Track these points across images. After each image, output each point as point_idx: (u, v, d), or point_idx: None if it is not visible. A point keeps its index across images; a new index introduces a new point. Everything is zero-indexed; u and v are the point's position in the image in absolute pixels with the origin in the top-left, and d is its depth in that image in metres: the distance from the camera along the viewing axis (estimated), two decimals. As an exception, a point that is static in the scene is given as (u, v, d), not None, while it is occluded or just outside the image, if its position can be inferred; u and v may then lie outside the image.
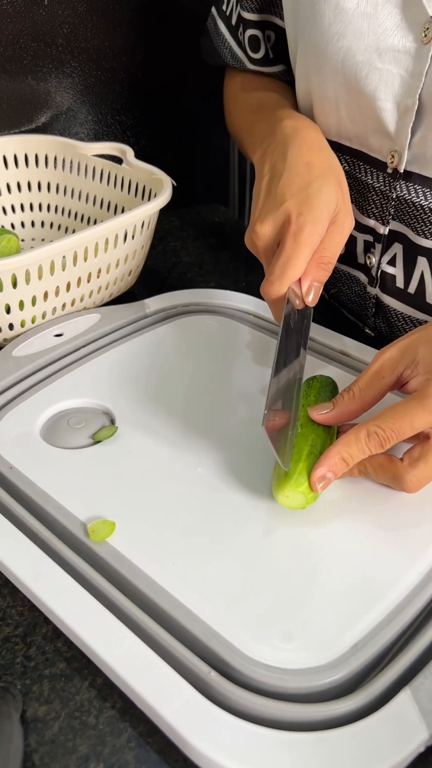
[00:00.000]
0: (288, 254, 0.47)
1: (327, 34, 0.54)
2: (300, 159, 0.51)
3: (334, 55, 0.54)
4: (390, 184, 0.55)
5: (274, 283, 0.48)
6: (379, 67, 0.52)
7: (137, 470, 0.47)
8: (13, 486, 0.46)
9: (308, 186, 0.49)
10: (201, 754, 0.32)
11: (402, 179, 0.54)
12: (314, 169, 0.51)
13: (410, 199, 0.54)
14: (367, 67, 0.52)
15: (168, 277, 0.78)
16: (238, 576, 0.39)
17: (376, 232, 0.59)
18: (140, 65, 0.89)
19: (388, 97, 0.52)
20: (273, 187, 0.51)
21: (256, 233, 0.50)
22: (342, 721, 0.33)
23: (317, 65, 0.56)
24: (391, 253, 0.59)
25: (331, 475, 0.41)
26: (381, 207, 0.57)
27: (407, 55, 0.50)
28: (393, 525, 0.43)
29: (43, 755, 0.34)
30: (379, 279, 0.61)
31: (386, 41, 0.51)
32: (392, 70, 0.51)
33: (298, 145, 0.52)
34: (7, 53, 0.80)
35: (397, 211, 0.56)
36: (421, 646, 0.36)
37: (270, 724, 0.33)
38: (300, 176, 0.50)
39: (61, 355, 0.59)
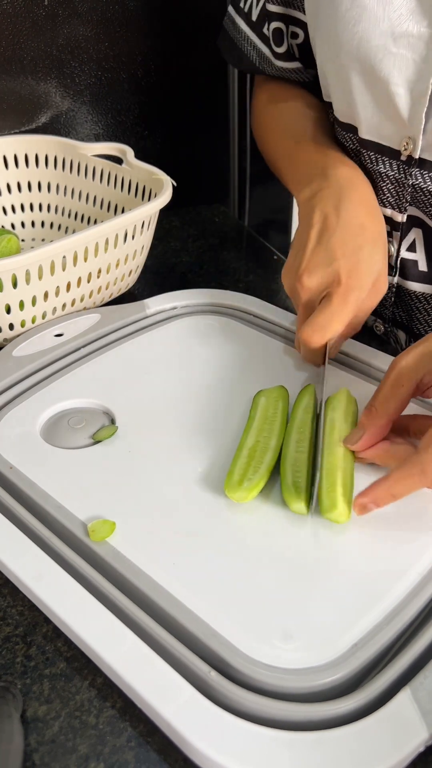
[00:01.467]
0: (335, 310, 0.50)
1: (343, 20, 0.55)
2: (355, 219, 0.53)
3: (349, 40, 0.55)
4: (405, 171, 0.56)
5: (317, 332, 0.50)
6: (394, 52, 0.52)
7: (137, 470, 0.47)
8: (13, 486, 0.46)
9: (360, 250, 0.51)
10: (201, 754, 0.32)
11: (417, 166, 0.55)
12: (367, 233, 0.52)
13: (425, 187, 0.55)
14: (382, 51, 0.53)
15: (168, 277, 0.78)
16: (238, 576, 0.39)
17: (393, 220, 0.59)
18: (140, 65, 0.89)
19: (402, 82, 0.53)
20: (324, 241, 0.52)
21: (302, 284, 0.52)
22: (342, 720, 0.33)
23: (334, 52, 0.57)
24: (410, 239, 0.60)
25: (373, 506, 0.41)
26: (397, 195, 0.58)
27: (421, 40, 0.51)
28: (393, 525, 0.43)
29: (43, 755, 0.34)
30: (398, 267, 0.62)
31: (401, 26, 0.52)
32: (406, 55, 0.52)
33: (354, 203, 0.54)
34: (7, 53, 0.80)
35: (413, 199, 0.57)
36: (421, 645, 0.36)
37: (270, 724, 0.33)
38: (353, 238, 0.52)
39: (61, 355, 0.59)
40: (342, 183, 0.55)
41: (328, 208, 0.54)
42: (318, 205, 0.54)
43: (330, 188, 0.55)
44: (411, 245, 0.60)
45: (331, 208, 0.54)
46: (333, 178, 0.56)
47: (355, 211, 0.53)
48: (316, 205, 0.54)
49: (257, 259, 0.55)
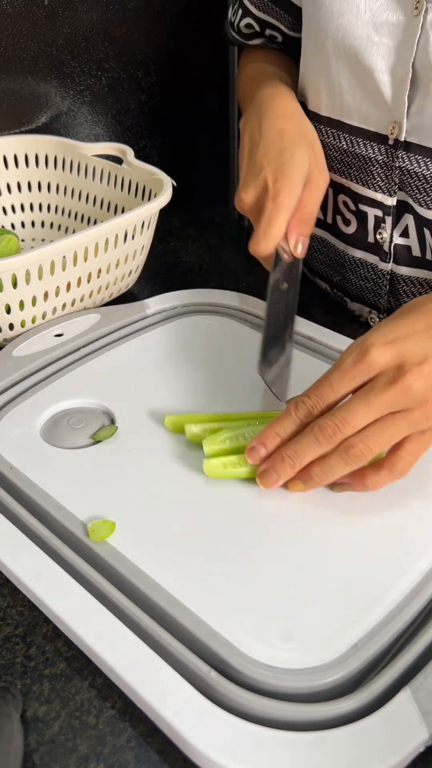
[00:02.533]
0: (269, 216, 0.53)
1: (328, 13, 0.58)
2: (274, 127, 0.57)
3: (334, 31, 0.58)
4: (392, 154, 0.58)
5: (260, 242, 0.53)
6: (376, 40, 0.55)
7: (137, 470, 0.47)
8: (13, 486, 0.46)
9: (282, 153, 0.55)
10: (201, 754, 0.32)
11: (403, 149, 0.57)
12: (287, 136, 0.56)
13: (412, 169, 0.57)
14: (366, 41, 0.56)
15: (168, 277, 0.78)
16: (238, 576, 0.39)
17: (384, 204, 0.61)
18: (140, 65, 0.89)
19: (385, 69, 0.56)
20: (252, 156, 0.56)
21: (241, 200, 0.56)
22: (342, 721, 0.33)
23: (320, 43, 0.60)
24: (402, 225, 0.61)
25: (263, 448, 0.44)
26: (386, 178, 0.60)
27: (400, 27, 0.54)
28: (393, 525, 0.43)
29: (43, 755, 0.34)
30: (392, 253, 0.63)
31: (381, 16, 0.55)
32: (388, 43, 0.55)
33: (272, 114, 0.58)
34: (7, 53, 0.80)
35: (401, 182, 0.59)
36: (421, 646, 0.36)
37: (270, 724, 0.33)
38: (274, 144, 0.55)
39: (61, 355, 0.59)
40: (263, 101, 0.59)
41: (253, 127, 0.58)
42: (245, 128, 0.59)
43: (253, 110, 0.60)
44: (404, 231, 0.61)
45: (255, 126, 0.58)
46: (256, 101, 0.60)
47: (274, 121, 0.57)
48: (244, 128, 0.59)
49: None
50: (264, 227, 0.53)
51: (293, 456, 0.43)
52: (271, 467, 0.43)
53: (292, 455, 0.43)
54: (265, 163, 0.54)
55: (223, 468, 0.45)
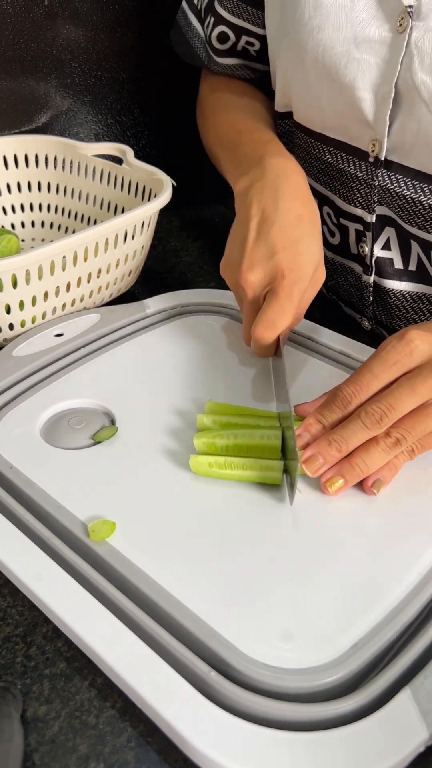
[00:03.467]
0: (282, 306, 0.50)
1: (307, 27, 0.56)
2: (292, 211, 0.53)
3: (314, 47, 0.56)
4: (372, 172, 0.57)
5: (268, 329, 0.51)
6: (357, 57, 0.53)
7: (137, 470, 0.47)
8: (13, 486, 0.46)
9: (299, 241, 0.52)
10: (201, 754, 0.32)
11: (383, 167, 0.56)
12: (304, 224, 0.53)
13: (392, 188, 0.56)
14: (346, 57, 0.54)
15: (168, 277, 0.78)
16: (238, 576, 0.39)
17: (363, 220, 0.60)
18: (140, 65, 0.89)
19: (367, 86, 0.54)
20: (263, 235, 0.52)
21: (246, 280, 0.52)
22: (342, 720, 0.33)
23: (299, 58, 0.58)
24: (384, 238, 0.60)
25: (322, 459, 0.44)
26: (365, 196, 0.59)
27: (383, 44, 0.52)
28: (393, 525, 0.43)
29: (43, 755, 0.34)
30: (374, 266, 0.62)
31: (363, 32, 0.53)
32: (369, 60, 0.53)
33: (289, 194, 0.54)
34: (7, 53, 0.80)
35: (381, 199, 0.58)
36: (421, 646, 0.36)
37: (270, 724, 0.33)
38: (291, 230, 0.52)
39: (61, 355, 0.59)
40: (278, 173, 0.55)
41: (266, 200, 0.54)
42: (255, 197, 0.54)
43: (265, 179, 0.55)
44: (385, 244, 0.61)
45: (269, 200, 0.53)
46: (268, 168, 0.56)
47: (291, 202, 0.53)
48: (254, 197, 0.54)
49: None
50: (277, 314, 0.50)
51: (340, 440, 0.43)
52: (317, 452, 0.44)
53: (338, 439, 0.43)
54: (279, 248, 0.51)
55: (208, 467, 0.46)
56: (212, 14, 0.69)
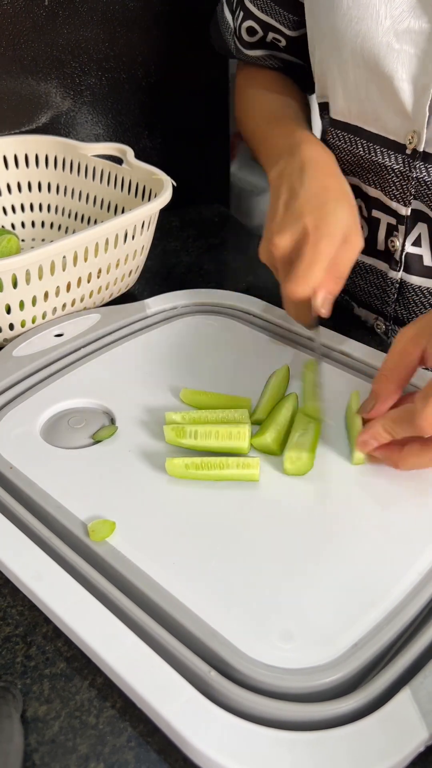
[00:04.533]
0: (309, 259, 0.50)
1: (345, 18, 0.56)
2: (317, 182, 0.54)
3: (353, 38, 0.56)
4: (410, 164, 0.57)
5: (298, 285, 0.50)
6: (397, 48, 0.54)
7: (137, 470, 0.47)
8: (13, 486, 0.46)
9: (324, 205, 0.52)
10: (201, 754, 0.32)
11: (421, 160, 0.56)
12: (330, 192, 0.53)
13: (429, 180, 0.56)
14: (385, 48, 0.54)
15: (168, 277, 0.78)
16: (238, 576, 0.39)
17: (398, 213, 0.61)
18: (140, 65, 0.89)
19: (406, 77, 0.54)
20: (291, 205, 0.53)
21: (274, 244, 0.52)
22: (342, 720, 0.33)
23: (336, 49, 0.58)
24: (416, 233, 0.61)
25: (374, 442, 0.46)
26: (401, 188, 0.59)
27: (422, 35, 0.52)
28: (393, 525, 0.43)
29: (43, 755, 0.34)
30: (403, 262, 0.62)
31: (403, 23, 0.53)
32: (409, 50, 0.53)
33: (315, 169, 0.55)
34: (7, 53, 0.80)
35: (417, 192, 0.58)
36: (421, 645, 0.36)
37: (270, 724, 0.33)
38: (317, 197, 0.53)
39: (61, 355, 0.59)
40: (305, 157, 0.57)
41: (294, 180, 0.55)
42: (284, 180, 0.56)
43: (293, 165, 0.57)
44: (416, 240, 0.61)
45: (296, 180, 0.55)
46: (297, 154, 0.57)
47: (317, 176, 0.55)
48: (283, 181, 0.56)
49: (257, 259, 0.55)
50: (304, 269, 0.50)
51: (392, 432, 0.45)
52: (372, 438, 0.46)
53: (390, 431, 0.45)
54: (306, 212, 0.52)
55: (185, 468, 0.46)
56: (242, 9, 0.71)
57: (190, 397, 0.53)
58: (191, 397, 0.53)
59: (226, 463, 0.46)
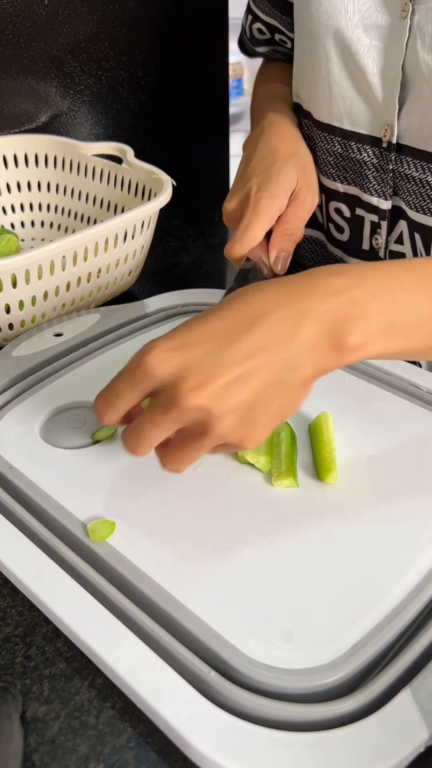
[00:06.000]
0: (247, 220, 0.52)
1: (317, 14, 0.58)
2: (268, 146, 0.57)
3: (325, 33, 0.58)
4: (386, 157, 0.58)
5: (234, 245, 0.52)
6: (366, 43, 0.56)
7: (137, 470, 0.47)
8: (13, 486, 0.46)
9: (270, 167, 0.55)
10: (201, 754, 0.32)
11: (395, 152, 0.57)
12: (278, 154, 0.56)
13: (404, 171, 0.58)
14: (356, 43, 0.56)
15: (168, 277, 0.78)
16: (238, 576, 0.39)
17: (379, 209, 0.61)
18: (140, 65, 0.89)
19: (376, 71, 0.56)
20: (243, 171, 0.57)
21: (225, 209, 0.56)
22: (342, 721, 0.33)
23: (311, 46, 0.60)
24: (397, 231, 0.61)
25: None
26: (381, 182, 0.60)
27: (389, 29, 0.54)
28: (393, 525, 0.43)
29: (43, 755, 0.34)
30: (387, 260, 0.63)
31: (371, 18, 0.55)
32: (378, 45, 0.55)
33: (269, 134, 0.58)
34: (7, 53, 0.80)
35: (396, 185, 0.59)
36: (421, 646, 0.36)
37: (270, 724, 0.33)
38: (266, 160, 0.56)
39: (61, 355, 0.59)
40: (264, 125, 0.60)
41: (250, 147, 0.59)
42: (246, 148, 0.60)
43: (256, 131, 0.60)
44: (398, 238, 0.61)
45: (251, 146, 0.58)
46: (261, 123, 0.61)
47: (269, 140, 0.58)
48: (245, 149, 0.60)
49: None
50: (241, 231, 0.52)
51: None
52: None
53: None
54: (253, 176, 0.54)
55: None
56: (250, 12, 0.74)
57: None
58: None
59: None
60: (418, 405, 0.52)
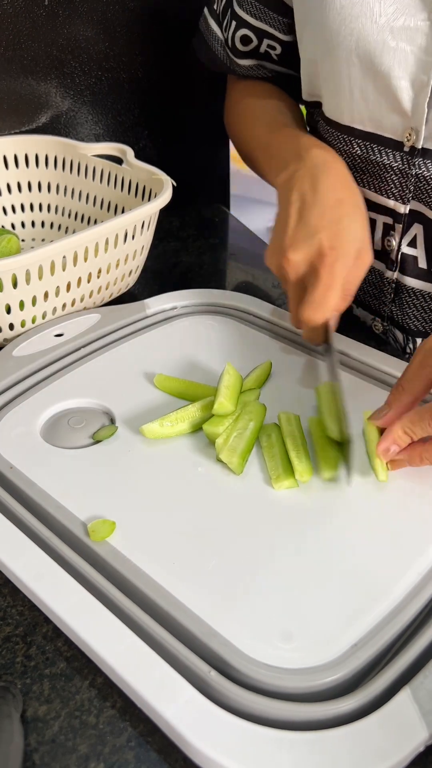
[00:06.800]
0: (327, 284, 0.50)
1: (339, 17, 0.56)
2: (332, 194, 0.53)
3: (347, 36, 0.56)
4: (408, 161, 0.57)
5: (317, 310, 0.50)
6: (393, 45, 0.53)
7: (137, 470, 0.47)
8: (13, 486, 0.46)
9: (340, 221, 0.51)
10: (201, 754, 0.32)
11: (420, 156, 0.56)
12: (345, 206, 0.52)
13: (429, 176, 0.56)
14: (381, 46, 0.54)
15: (168, 277, 0.78)
16: (238, 576, 0.39)
17: (395, 212, 0.60)
18: (140, 65, 0.89)
19: (403, 75, 0.54)
20: (305, 217, 0.52)
21: (288, 260, 0.51)
22: (342, 720, 0.33)
23: (329, 48, 0.58)
24: (411, 234, 0.61)
25: (395, 447, 0.45)
26: (400, 186, 0.59)
27: (419, 32, 0.52)
28: (393, 525, 0.43)
29: (43, 755, 0.34)
30: (399, 262, 0.62)
31: (398, 20, 0.53)
32: (406, 48, 0.53)
33: (329, 179, 0.54)
34: (7, 53, 0.80)
35: (416, 189, 0.58)
36: (421, 645, 0.36)
37: (270, 723, 0.33)
38: (332, 210, 0.52)
39: (61, 355, 0.59)
40: (316, 162, 0.55)
41: (305, 187, 0.54)
42: (295, 186, 0.54)
43: (305, 169, 0.55)
44: (412, 241, 0.61)
45: (308, 187, 0.54)
46: (308, 159, 0.56)
47: (331, 186, 0.53)
48: (294, 186, 0.54)
49: (258, 259, 0.55)
50: (322, 294, 0.50)
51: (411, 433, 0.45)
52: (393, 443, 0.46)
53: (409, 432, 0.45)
54: (320, 227, 0.51)
55: (160, 428, 0.48)
56: (233, 17, 0.69)
57: (165, 383, 0.54)
58: (165, 383, 0.54)
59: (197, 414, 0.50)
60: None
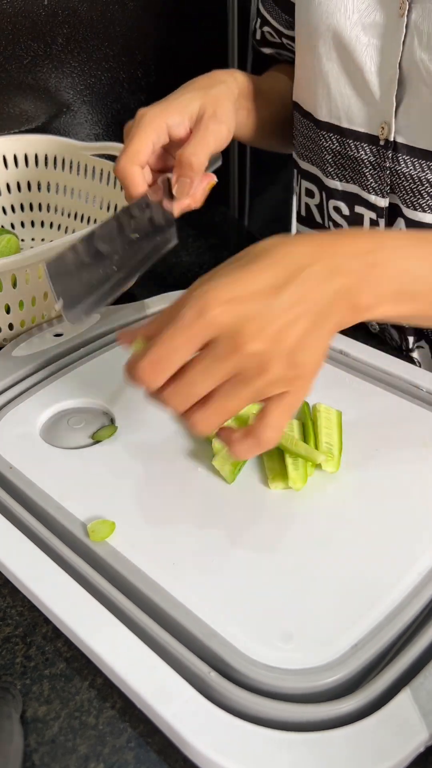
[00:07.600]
0: (131, 134, 0.53)
1: (318, 13, 0.59)
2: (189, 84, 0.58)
3: (325, 32, 0.58)
4: (383, 155, 0.58)
5: (120, 159, 0.52)
6: (364, 41, 0.56)
7: (137, 470, 0.47)
8: (13, 486, 0.46)
9: (172, 95, 0.56)
10: (201, 754, 0.32)
11: (392, 149, 0.58)
12: (189, 87, 0.57)
13: (401, 170, 0.58)
14: (355, 41, 0.56)
15: (168, 277, 0.78)
16: (238, 576, 0.39)
17: (377, 206, 0.61)
18: (140, 65, 0.89)
19: (374, 69, 0.56)
20: None
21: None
22: (342, 721, 0.33)
23: (312, 44, 0.60)
24: (395, 228, 0.61)
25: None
26: (378, 179, 0.60)
27: (386, 27, 0.55)
28: (393, 525, 0.43)
29: (43, 755, 0.34)
30: None
31: (369, 17, 0.55)
32: (376, 43, 0.56)
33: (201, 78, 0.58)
34: (7, 53, 0.80)
35: (393, 183, 0.59)
36: (421, 646, 0.36)
37: (270, 724, 0.33)
38: (177, 93, 0.57)
39: (61, 355, 0.59)
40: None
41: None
42: None
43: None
44: None
45: None
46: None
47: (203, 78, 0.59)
48: None
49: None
50: (125, 145, 0.53)
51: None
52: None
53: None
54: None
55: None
56: (259, 15, 0.74)
57: None
58: None
59: None
60: (418, 405, 0.52)
